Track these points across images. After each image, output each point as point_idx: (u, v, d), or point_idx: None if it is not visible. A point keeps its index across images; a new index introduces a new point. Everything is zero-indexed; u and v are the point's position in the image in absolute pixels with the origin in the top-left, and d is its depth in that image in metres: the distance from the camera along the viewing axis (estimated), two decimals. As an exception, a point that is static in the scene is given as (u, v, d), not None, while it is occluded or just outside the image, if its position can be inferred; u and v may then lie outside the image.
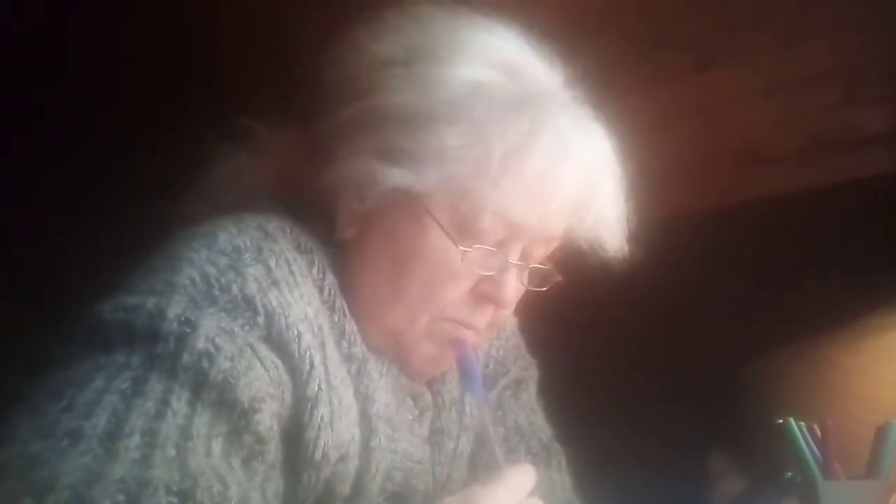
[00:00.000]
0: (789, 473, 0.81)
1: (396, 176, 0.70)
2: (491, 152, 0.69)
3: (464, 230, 0.71)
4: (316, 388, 0.65)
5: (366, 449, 0.71)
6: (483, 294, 0.74)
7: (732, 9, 1.55)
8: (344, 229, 0.75)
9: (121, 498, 0.47)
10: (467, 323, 0.75)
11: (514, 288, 0.75)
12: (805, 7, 1.51)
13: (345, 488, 0.69)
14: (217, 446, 0.56)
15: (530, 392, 0.94)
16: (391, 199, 0.71)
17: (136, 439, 0.51)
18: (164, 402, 0.55)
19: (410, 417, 0.78)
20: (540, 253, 0.77)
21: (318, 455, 0.65)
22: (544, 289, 0.79)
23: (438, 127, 0.69)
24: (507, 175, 0.69)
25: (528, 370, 0.94)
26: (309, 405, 0.64)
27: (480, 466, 0.86)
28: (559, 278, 0.79)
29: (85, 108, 1.75)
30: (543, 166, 0.70)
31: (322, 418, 0.65)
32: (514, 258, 0.74)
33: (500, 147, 0.69)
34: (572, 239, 0.77)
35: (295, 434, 0.65)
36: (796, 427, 0.79)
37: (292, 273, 0.68)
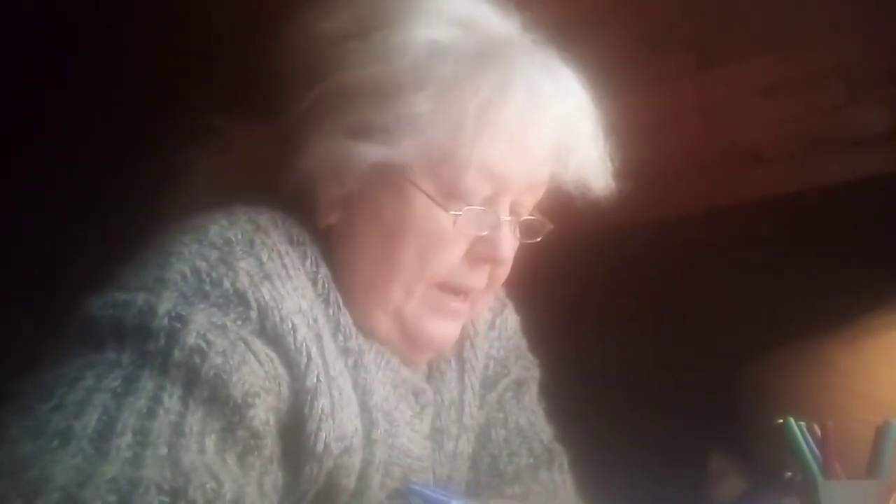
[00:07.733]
0: (789, 473, 0.80)
1: (372, 152, 0.69)
2: (465, 110, 0.68)
3: (450, 194, 0.71)
4: (315, 380, 0.64)
5: (369, 441, 0.70)
6: (479, 254, 0.73)
7: (732, 9, 1.55)
8: (326, 215, 0.74)
9: (112, 498, 0.47)
10: (465, 287, 0.75)
11: (509, 244, 0.75)
12: (805, 7, 1.51)
13: (349, 482, 0.69)
14: (210, 443, 0.55)
15: (532, 393, 0.93)
16: (371, 176, 0.70)
17: (127, 438, 0.51)
18: (156, 399, 0.54)
19: (410, 413, 0.77)
20: (528, 203, 0.77)
21: (320, 447, 0.64)
22: (538, 240, 0.78)
23: (407, 95, 0.68)
24: (484, 130, 0.68)
25: (529, 370, 0.93)
26: (308, 397, 0.64)
27: (482, 468, 0.85)
28: (551, 227, 0.79)
29: (85, 108, 1.76)
30: (520, 115, 0.70)
31: (322, 409, 0.64)
32: (504, 214, 0.74)
33: (473, 103, 0.68)
34: (558, 184, 0.76)
35: (296, 427, 0.64)
36: (796, 427, 0.78)
37: (285, 266, 0.67)
